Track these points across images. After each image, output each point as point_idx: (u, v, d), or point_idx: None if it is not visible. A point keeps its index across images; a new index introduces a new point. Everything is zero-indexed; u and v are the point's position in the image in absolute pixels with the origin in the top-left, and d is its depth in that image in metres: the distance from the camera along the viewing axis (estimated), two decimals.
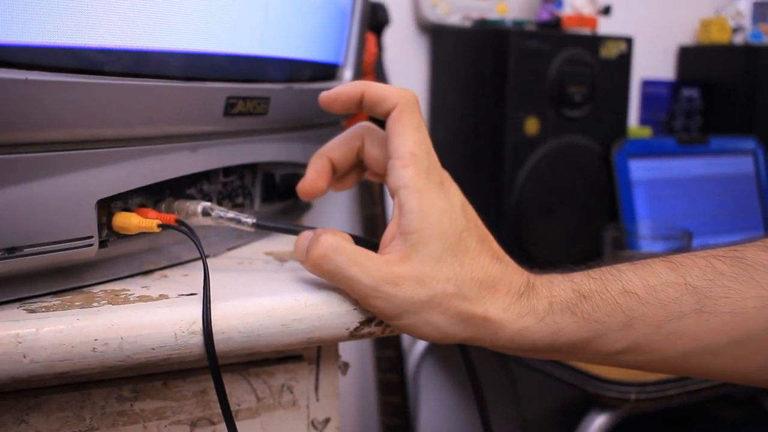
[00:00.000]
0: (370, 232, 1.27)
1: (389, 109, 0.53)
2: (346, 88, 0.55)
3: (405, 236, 0.50)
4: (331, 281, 0.52)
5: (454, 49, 1.32)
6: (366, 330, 0.53)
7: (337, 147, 0.58)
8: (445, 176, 0.54)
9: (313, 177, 0.57)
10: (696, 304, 0.49)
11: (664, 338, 0.50)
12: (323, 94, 0.56)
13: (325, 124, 0.81)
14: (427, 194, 0.51)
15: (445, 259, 0.50)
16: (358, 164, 0.59)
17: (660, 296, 0.50)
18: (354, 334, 0.53)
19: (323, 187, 0.57)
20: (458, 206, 0.52)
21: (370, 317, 0.53)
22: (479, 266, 0.51)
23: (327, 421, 0.61)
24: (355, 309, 0.53)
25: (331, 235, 0.51)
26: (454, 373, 1.50)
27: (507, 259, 0.54)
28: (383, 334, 0.55)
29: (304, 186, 0.57)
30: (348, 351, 1.33)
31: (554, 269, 0.54)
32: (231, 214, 0.56)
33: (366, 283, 0.50)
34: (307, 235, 0.54)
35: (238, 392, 0.57)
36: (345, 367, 0.63)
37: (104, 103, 0.49)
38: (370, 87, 0.54)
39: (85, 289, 0.53)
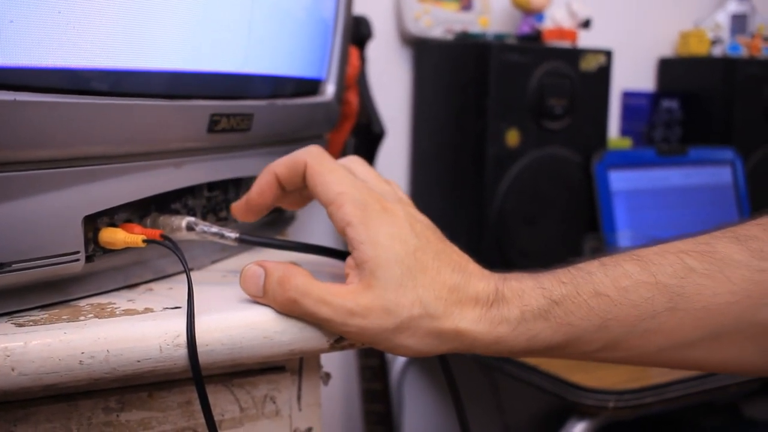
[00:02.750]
0: None
1: (301, 169, 0.55)
2: (259, 180, 0.57)
3: (362, 266, 0.51)
4: (300, 318, 0.53)
5: (437, 62, 1.34)
6: (346, 342, 0.55)
7: (283, 163, 0.57)
8: (385, 200, 0.54)
9: (259, 191, 0.57)
10: (668, 303, 0.50)
11: (639, 336, 0.50)
12: (247, 199, 0.58)
13: (308, 137, 0.82)
14: (371, 223, 0.52)
15: (406, 282, 0.51)
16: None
17: (632, 297, 0.50)
18: (334, 346, 0.55)
19: (268, 202, 0.57)
20: (406, 227, 0.53)
21: None
22: (440, 283, 0.52)
23: (309, 430, 0.62)
24: None
25: (295, 276, 0.52)
26: (438, 381, 1.52)
27: (470, 267, 0.54)
28: (363, 346, 0.56)
29: (250, 200, 0.57)
30: (332, 360, 1.35)
31: (522, 271, 0.55)
32: (215, 228, 0.58)
33: (336, 320, 0.51)
34: (255, 271, 0.54)
35: (222, 402, 0.58)
36: (327, 377, 0.64)
37: (90, 122, 0.50)
38: (276, 164, 0.56)
39: (72, 303, 0.54)
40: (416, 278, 0.51)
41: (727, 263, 0.50)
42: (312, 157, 0.55)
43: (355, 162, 0.58)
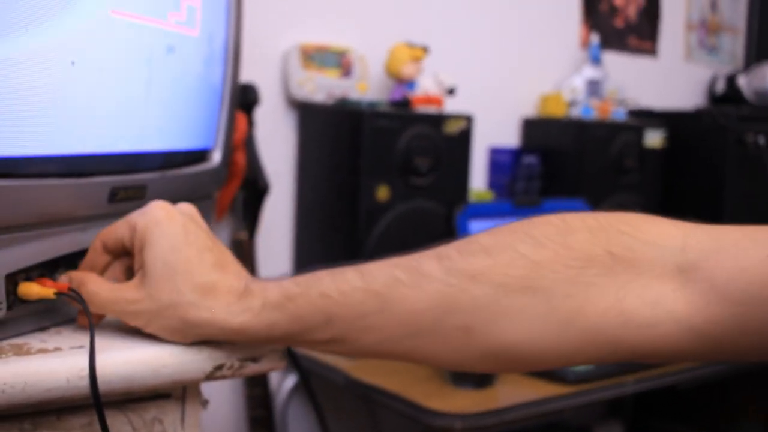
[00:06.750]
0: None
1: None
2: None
3: (141, 268, 0.65)
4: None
5: (319, 125, 1.48)
6: (219, 373, 0.69)
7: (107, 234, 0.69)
8: (168, 211, 0.66)
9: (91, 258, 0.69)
10: (378, 306, 0.61)
11: (359, 331, 0.62)
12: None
13: (197, 197, 0.95)
14: (149, 233, 0.65)
15: (168, 276, 0.63)
16: None
17: (350, 299, 0.61)
18: (209, 377, 0.68)
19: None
20: (180, 235, 0.65)
21: (222, 364, 0.68)
22: (199, 277, 0.63)
23: None
24: (209, 357, 0.68)
25: (89, 281, 0.66)
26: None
27: (231, 267, 0.65)
28: (233, 377, 0.70)
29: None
30: (221, 390, 1.47)
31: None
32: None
33: (117, 306, 0.65)
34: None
35: (118, 424, 0.70)
36: (205, 403, 0.78)
37: (12, 200, 0.63)
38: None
39: None
40: (177, 274, 0.63)
41: (425, 277, 0.60)
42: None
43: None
